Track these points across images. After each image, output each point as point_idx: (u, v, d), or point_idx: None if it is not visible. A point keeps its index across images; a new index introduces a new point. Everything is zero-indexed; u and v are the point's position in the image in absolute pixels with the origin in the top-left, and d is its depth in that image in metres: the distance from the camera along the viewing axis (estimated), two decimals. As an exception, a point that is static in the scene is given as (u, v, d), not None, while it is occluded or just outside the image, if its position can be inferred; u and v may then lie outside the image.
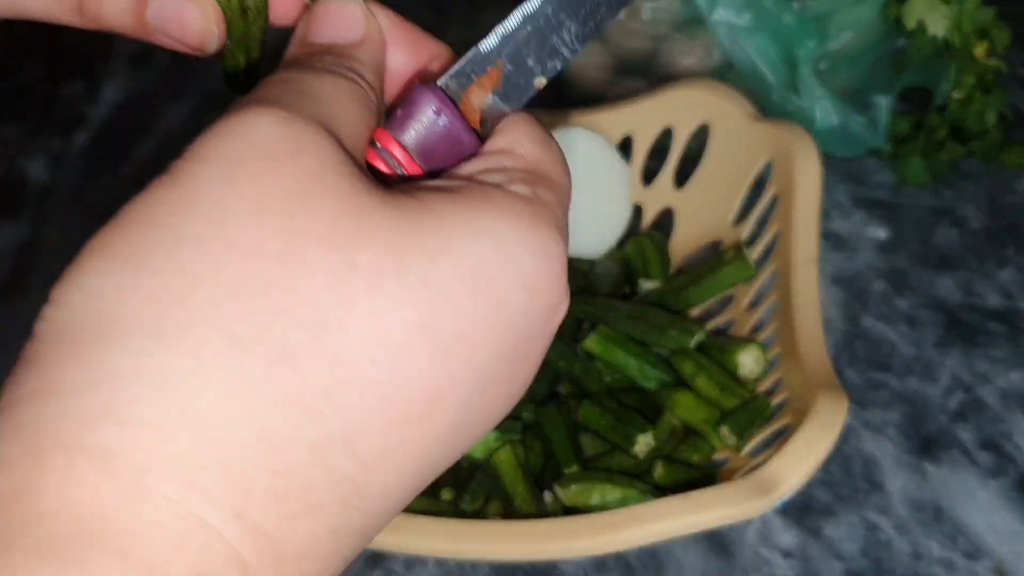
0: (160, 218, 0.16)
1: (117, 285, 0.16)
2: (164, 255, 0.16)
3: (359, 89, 0.20)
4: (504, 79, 0.21)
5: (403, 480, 0.17)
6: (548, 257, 0.18)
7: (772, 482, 0.33)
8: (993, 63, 0.63)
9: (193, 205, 0.16)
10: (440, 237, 0.17)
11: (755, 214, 0.50)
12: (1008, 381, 0.52)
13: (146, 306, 0.15)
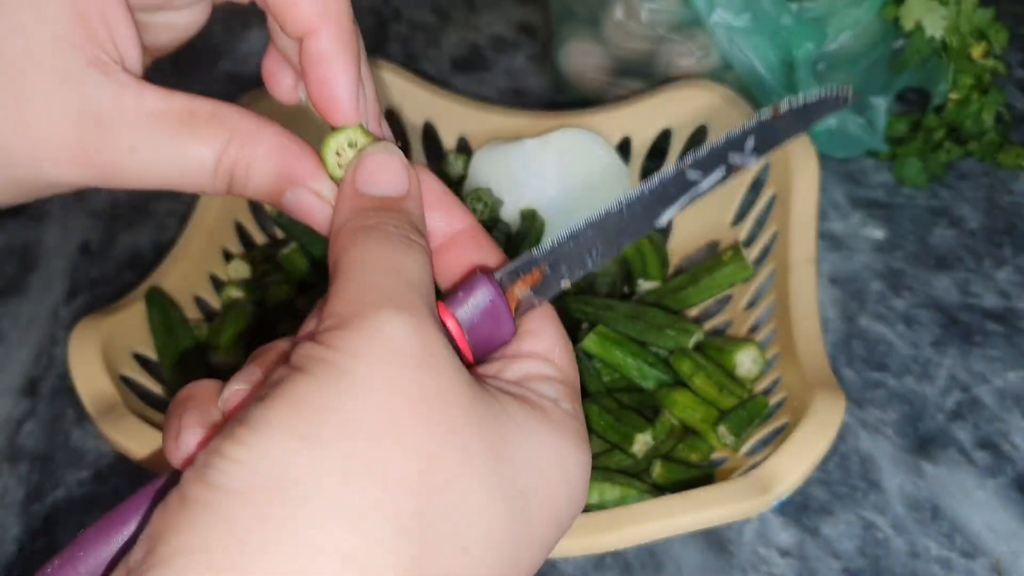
0: (335, 405, 0.19)
1: (297, 460, 0.18)
2: (343, 440, 0.18)
3: (425, 256, 0.23)
4: (543, 279, 0.25)
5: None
6: (587, 470, 0.23)
7: (770, 481, 0.33)
8: (991, 64, 0.63)
9: (362, 401, 0.19)
10: (522, 450, 0.21)
11: (753, 215, 0.51)
12: (1005, 380, 0.52)
13: (326, 484, 0.18)
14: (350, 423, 0.19)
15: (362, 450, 0.18)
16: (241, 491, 0.18)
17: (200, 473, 0.18)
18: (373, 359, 0.19)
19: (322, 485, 0.18)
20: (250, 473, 0.18)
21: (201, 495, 0.18)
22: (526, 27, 0.86)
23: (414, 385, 0.19)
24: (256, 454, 0.18)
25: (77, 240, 0.62)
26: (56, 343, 0.55)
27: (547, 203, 0.53)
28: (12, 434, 0.49)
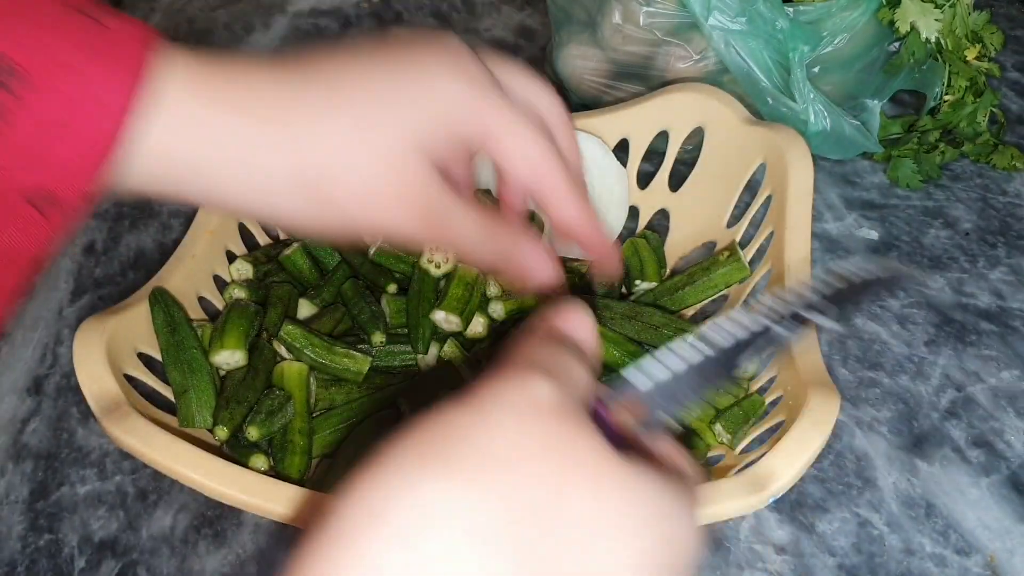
0: (470, 436, 0.20)
1: (434, 489, 0.19)
2: (474, 467, 0.20)
3: (591, 381, 0.25)
4: (646, 415, 0.25)
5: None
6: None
7: (765, 479, 0.33)
8: (985, 66, 0.64)
9: (495, 434, 0.20)
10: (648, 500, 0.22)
11: (749, 216, 0.51)
12: (999, 379, 0.52)
13: (457, 511, 0.19)
14: (480, 453, 0.20)
15: (492, 478, 0.20)
16: (366, 520, 0.19)
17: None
18: (506, 402, 0.21)
19: (446, 503, 0.19)
20: (380, 502, 0.19)
21: (342, 521, 0.19)
22: (525, 31, 0.86)
23: (550, 428, 0.21)
24: (387, 485, 0.19)
25: (82, 240, 0.63)
26: (61, 342, 0.55)
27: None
28: (17, 432, 0.50)
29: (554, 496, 0.20)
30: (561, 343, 0.26)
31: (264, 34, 0.83)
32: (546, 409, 0.21)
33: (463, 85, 0.31)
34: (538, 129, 0.33)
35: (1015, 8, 0.86)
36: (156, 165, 0.27)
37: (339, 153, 0.29)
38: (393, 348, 0.48)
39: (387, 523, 0.19)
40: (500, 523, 0.19)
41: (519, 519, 0.19)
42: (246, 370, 0.45)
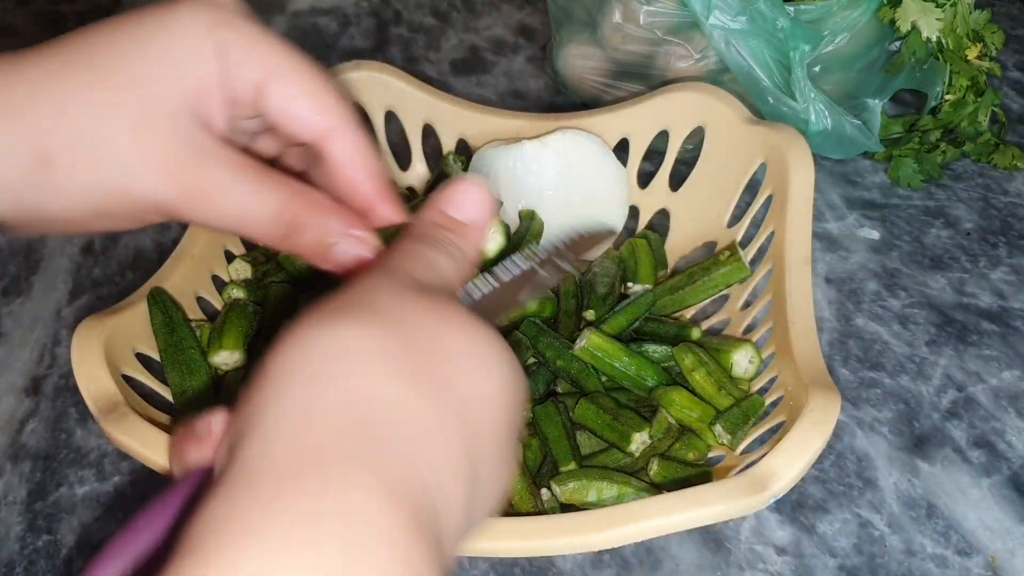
0: (364, 302, 0.25)
1: (349, 332, 0.23)
2: (374, 318, 0.24)
3: (460, 269, 0.29)
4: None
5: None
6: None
7: (766, 479, 0.33)
8: (986, 65, 0.64)
9: (383, 299, 0.25)
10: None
11: (749, 215, 0.51)
12: (1000, 380, 0.52)
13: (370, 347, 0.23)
14: (373, 309, 0.24)
15: (385, 322, 0.24)
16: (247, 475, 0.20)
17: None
18: (387, 286, 0.25)
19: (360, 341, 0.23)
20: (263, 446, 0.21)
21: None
22: (525, 30, 0.86)
23: (421, 297, 0.25)
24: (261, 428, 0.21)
25: (80, 240, 0.62)
26: (59, 342, 0.55)
27: (546, 204, 0.54)
28: (15, 433, 0.50)
29: (436, 338, 0.24)
30: (437, 233, 0.29)
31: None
32: (414, 287, 0.26)
33: (220, 33, 0.30)
34: (300, 56, 0.32)
35: (1016, 7, 0.86)
36: None
37: (67, 126, 0.28)
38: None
39: (313, 361, 0.22)
40: (402, 355, 0.23)
41: (414, 351, 0.23)
42: (245, 370, 0.45)
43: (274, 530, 0.18)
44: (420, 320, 0.24)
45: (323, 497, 0.19)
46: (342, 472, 0.19)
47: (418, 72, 0.79)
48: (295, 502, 0.18)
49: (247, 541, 0.18)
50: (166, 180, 0.29)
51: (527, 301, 0.35)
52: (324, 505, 0.18)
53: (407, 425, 0.21)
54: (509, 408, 0.25)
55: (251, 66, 0.31)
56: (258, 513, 0.18)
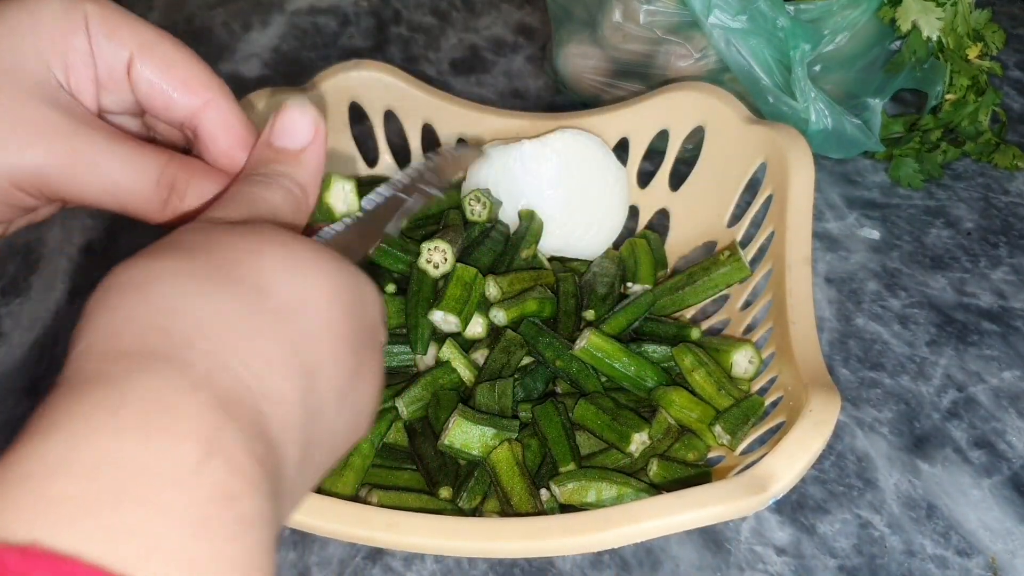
0: (177, 241, 0.25)
1: (161, 264, 0.23)
2: (184, 251, 0.24)
3: (294, 201, 0.29)
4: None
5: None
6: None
7: (766, 480, 0.33)
8: (987, 64, 0.64)
9: (196, 237, 0.25)
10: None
11: (749, 215, 0.51)
12: (1001, 380, 0.52)
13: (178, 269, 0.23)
14: (182, 246, 0.24)
15: (196, 252, 0.24)
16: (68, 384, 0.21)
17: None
18: (202, 225, 0.26)
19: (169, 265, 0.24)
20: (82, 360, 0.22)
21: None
22: (525, 29, 0.86)
23: (235, 228, 0.26)
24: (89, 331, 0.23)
25: (79, 241, 0.62)
26: (58, 343, 0.55)
27: (545, 204, 0.54)
28: (14, 434, 0.50)
29: (248, 252, 0.24)
30: (264, 168, 0.29)
31: (262, 32, 0.83)
32: (226, 224, 0.26)
33: (84, 8, 0.30)
34: (188, 49, 0.32)
35: (1017, 7, 0.86)
36: None
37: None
38: (392, 349, 0.48)
39: (123, 287, 0.23)
40: (208, 270, 0.23)
41: (221, 266, 0.23)
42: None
43: (76, 418, 0.19)
44: (230, 242, 0.24)
45: (124, 388, 0.20)
46: (144, 370, 0.20)
47: (418, 72, 0.79)
48: (98, 394, 0.19)
49: (52, 432, 0.19)
50: (41, 146, 0.29)
51: (396, 230, 0.35)
52: (124, 395, 0.19)
53: (212, 327, 0.22)
54: (348, 308, 0.25)
55: (118, 43, 0.30)
56: (64, 408, 0.19)
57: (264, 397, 0.21)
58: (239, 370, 0.21)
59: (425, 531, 0.32)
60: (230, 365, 0.21)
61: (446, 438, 0.42)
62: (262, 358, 0.22)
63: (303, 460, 0.23)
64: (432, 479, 0.43)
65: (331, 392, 0.24)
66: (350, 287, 0.26)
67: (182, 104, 0.32)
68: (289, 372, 0.22)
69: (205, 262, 0.23)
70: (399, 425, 0.46)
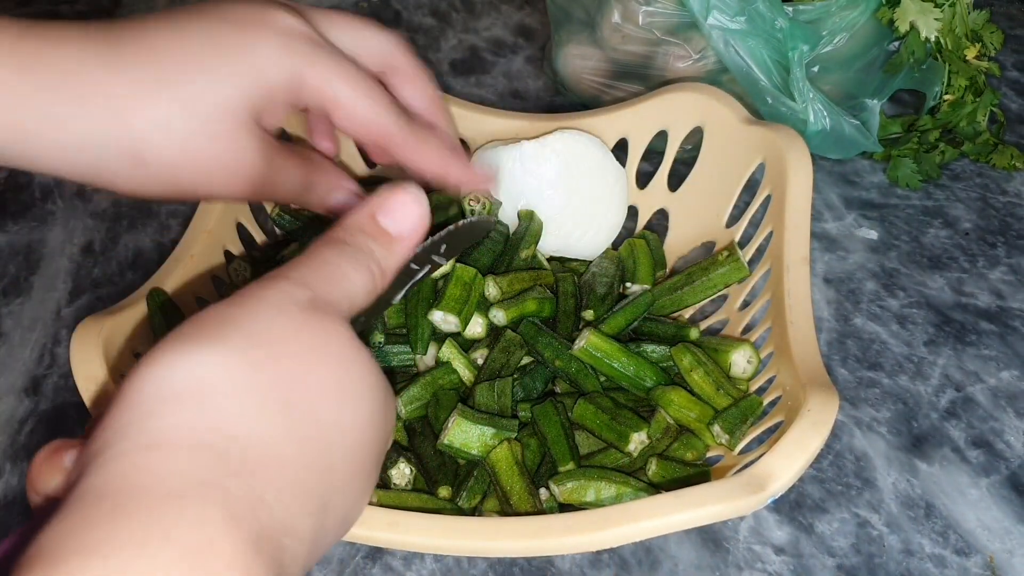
0: (235, 321, 0.25)
1: (209, 359, 0.23)
2: (240, 343, 0.24)
3: (371, 286, 0.29)
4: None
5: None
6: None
7: (764, 479, 0.33)
8: (985, 65, 0.64)
9: (256, 320, 0.25)
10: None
11: (748, 215, 0.51)
12: (999, 379, 0.52)
13: (228, 376, 0.23)
14: (241, 331, 0.24)
15: (251, 349, 0.24)
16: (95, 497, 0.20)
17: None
18: (268, 301, 0.25)
19: (219, 369, 0.23)
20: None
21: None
22: (524, 30, 0.86)
23: (302, 318, 0.25)
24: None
25: (80, 241, 0.62)
26: (59, 343, 0.55)
27: (545, 204, 0.54)
28: (15, 433, 0.50)
29: (306, 364, 0.24)
30: (359, 241, 0.29)
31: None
32: (301, 304, 0.25)
33: (277, 40, 0.32)
34: (363, 76, 0.35)
35: (1015, 7, 0.86)
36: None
37: (158, 121, 0.30)
38: (392, 348, 0.48)
39: (165, 391, 0.22)
40: (259, 382, 0.23)
41: (275, 378, 0.23)
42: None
43: (121, 546, 0.18)
44: (293, 344, 0.24)
45: (166, 520, 0.19)
46: (187, 499, 0.20)
47: (417, 72, 0.79)
48: (144, 520, 0.19)
49: (88, 555, 0.18)
50: (238, 183, 0.33)
51: (401, 298, 0.35)
52: (167, 528, 0.19)
53: (255, 454, 0.22)
54: (374, 438, 0.26)
55: (294, 78, 0.33)
56: (100, 531, 0.19)
57: (287, 533, 0.22)
58: (274, 506, 0.21)
59: (425, 530, 0.33)
60: (267, 500, 0.21)
61: (445, 437, 0.42)
62: (293, 493, 0.22)
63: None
64: (431, 478, 0.43)
65: (335, 520, 0.25)
66: (381, 412, 0.26)
67: (355, 133, 0.36)
68: (312, 508, 0.23)
69: (260, 366, 0.23)
70: (399, 425, 0.46)
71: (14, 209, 0.65)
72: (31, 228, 0.63)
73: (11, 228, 0.63)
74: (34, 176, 0.68)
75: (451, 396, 0.45)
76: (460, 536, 0.33)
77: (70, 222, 0.64)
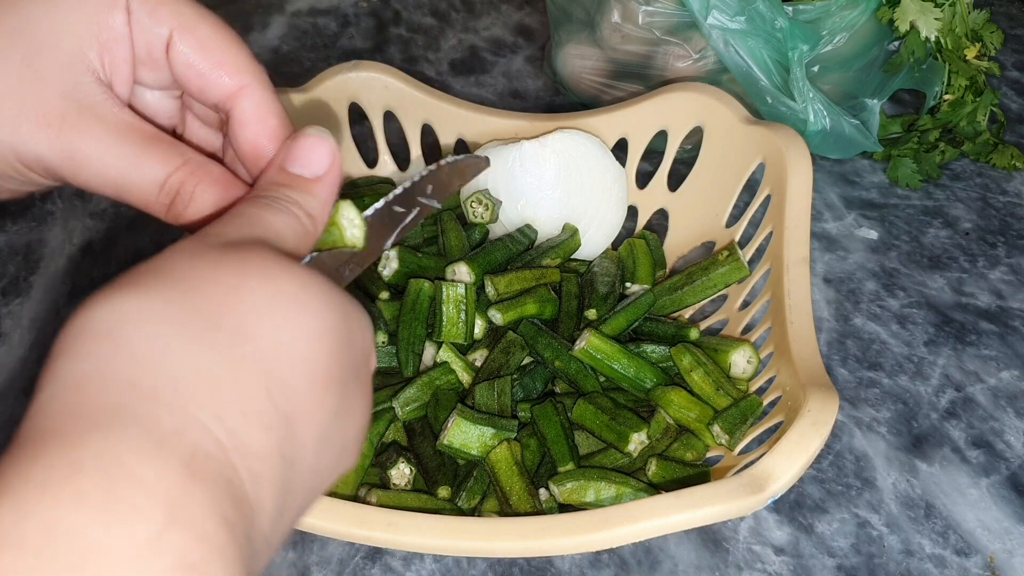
0: (154, 268, 0.24)
1: (125, 299, 0.22)
2: (158, 283, 0.23)
3: (299, 225, 0.28)
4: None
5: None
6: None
7: (764, 480, 0.33)
8: (985, 65, 0.64)
9: (175, 263, 0.24)
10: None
11: (748, 215, 0.51)
12: (999, 379, 0.52)
13: (148, 308, 0.22)
14: (158, 273, 0.24)
15: (169, 285, 0.23)
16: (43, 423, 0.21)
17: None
18: (188, 247, 0.25)
19: (138, 304, 0.23)
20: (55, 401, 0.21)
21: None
22: (524, 30, 0.86)
23: (224, 253, 0.24)
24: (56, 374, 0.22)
25: (79, 241, 0.62)
26: (58, 344, 0.55)
27: (545, 204, 0.54)
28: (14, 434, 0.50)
29: (232, 288, 0.23)
30: (273, 191, 0.28)
31: (262, 33, 0.83)
32: (218, 246, 0.24)
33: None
34: (230, 29, 0.32)
35: (1015, 7, 0.86)
36: None
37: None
38: (392, 349, 0.48)
39: (92, 330, 0.22)
40: (186, 312, 0.22)
41: (201, 307, 0.22)
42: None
43: (31, 484, 0.18)
44: (214, 275, 0.23)
45: (82, 450, 0.19)
46: (105, 429, 0.19)
47: (417, 72, 0.79)
48: (54, 457, 0.19)
49: (2, 499, 0.18)
50: (44, 135, 0.29)
51: (391, 245, 0.33)
52: (83, 458, 0.18)
53: (184, 378, 0.21)
54: (333, 346, 0.24)
55: (157, 21, 0.30)
56: (18, 471, 0.18)
57: (236, 450, 0.21)
58: (211, 424, 0.20)
59: (424, 531, 0.32)
60: (200, 419, 0.20)
61: (445, 438, 0.42)
62: (235, 409, 0.21)
63: (281, 508, 0.22)
64: (431, 479, 0.43)
65: (311, 436, 0.23)
66: (337, 322, 0.25)
67: (217, 86, 0.31)
68: (265, 421, 0.22)
69: (184, 304, 0.22)
70: (398, 425, 0.46)
71: (14, 209, 0.65)
72: (30, 228, 0.63)
73: (10, 228, 0.63)
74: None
75: (450, 396, 0.45)
76: (459, 536, 0.33)
77: (69, 222, 0.64)
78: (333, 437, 0.25)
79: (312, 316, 0.24)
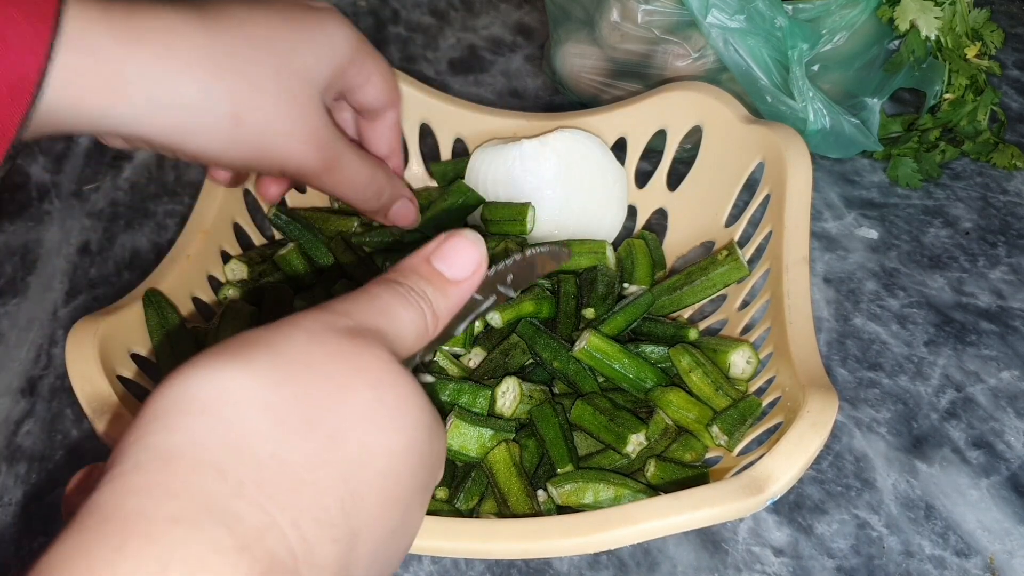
0: (266, 342, 0.24)
1: (233, 377, 0.22)
2: (267, 363, 0.23)
3: (423, 324, 0.28)
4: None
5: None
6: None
7: (763, 481, 0.33)
8: (985, 64, 0.64)
9: (290, 344, 0.24)
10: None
11: (747, 215, 0.51)
12: (999, 380, 0.52)
13: (252, 395, 0.22)
14: (272, 351, 0.23)
15: (278, 369, 0.23)
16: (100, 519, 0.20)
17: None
18: (304, 327, 0.25)
19: (243, 389, 0.23)
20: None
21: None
22: (523, 29, 0.86)
23: (339, 342, 0.24)
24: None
25: (77, 241, 0.62)
26: (55, 343, 0.55)
27: (544, 204, 0.53)
28: (11, 434, 0.50)
29: (339, 387, 0.23)
30: (411, 281, 0.28)
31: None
32: (340, 331, 0.24)
33: (343, 21, 0.38)
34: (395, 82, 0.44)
35: (1015, 6, 0.86)
36: (75, 101, 0.31)
37: (255, 82, 0.34)
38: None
39: (184, 405, 0.21)
40: (286, 402, 0.22)
41: (303, 399, 0.22)
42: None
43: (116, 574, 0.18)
44: (324, 366, 0.23)
45: (170, 549, 0.18)
46: (188, 524, 0.19)
47: (416, 71, 0.79)
48: (141, 551, 0.18)
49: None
50: (313, 154, 0.37)
51: (461, 331, 0.33)
52: (170, 557, 0.18)
53: (269, 475, 0.21)
54: (412, 466, 0.24)
55: (365, 64, 0.40)
56: (101, 558, 0.18)
57: (305, 561, 0.21)
58: (288, 529, 0.20)
59: (422, 532, 0.32)
60: (279, 523, 0.20)
61: (443, 439, 0.42)
62: (311, 516, 0.21)
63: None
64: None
65: (368, 550, 0.23)
66: (421, 442, 0.25)
67: (374, 105, 0.43)
68: (335, 534, 0.22)
69: (288, 392, 0.22)
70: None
71: (11, 209, 0.65)
72: (28, 228, 0.63)
73: (8, 228, 0.63)
74: (31, 176, 0.68)
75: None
76: (458, 538, 0.32)
77: (67, 222, 0.64)
78: (386, 552, 0.25)
79: (400, 434, 0.24)
